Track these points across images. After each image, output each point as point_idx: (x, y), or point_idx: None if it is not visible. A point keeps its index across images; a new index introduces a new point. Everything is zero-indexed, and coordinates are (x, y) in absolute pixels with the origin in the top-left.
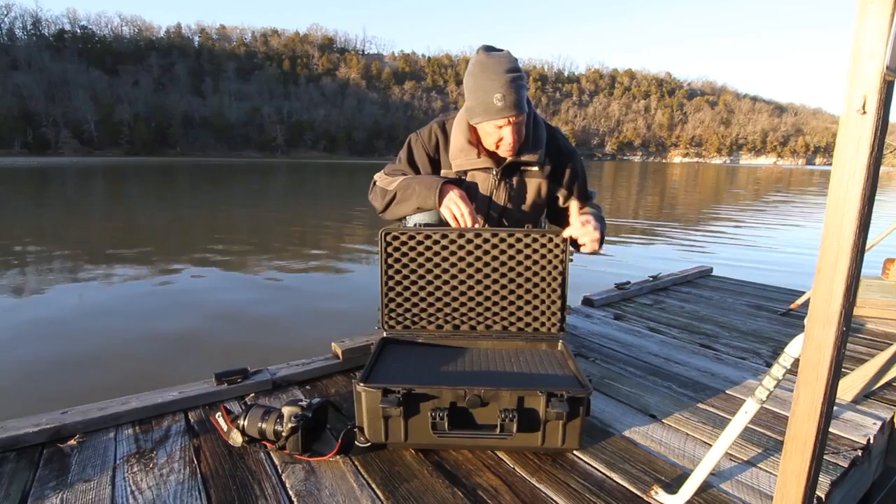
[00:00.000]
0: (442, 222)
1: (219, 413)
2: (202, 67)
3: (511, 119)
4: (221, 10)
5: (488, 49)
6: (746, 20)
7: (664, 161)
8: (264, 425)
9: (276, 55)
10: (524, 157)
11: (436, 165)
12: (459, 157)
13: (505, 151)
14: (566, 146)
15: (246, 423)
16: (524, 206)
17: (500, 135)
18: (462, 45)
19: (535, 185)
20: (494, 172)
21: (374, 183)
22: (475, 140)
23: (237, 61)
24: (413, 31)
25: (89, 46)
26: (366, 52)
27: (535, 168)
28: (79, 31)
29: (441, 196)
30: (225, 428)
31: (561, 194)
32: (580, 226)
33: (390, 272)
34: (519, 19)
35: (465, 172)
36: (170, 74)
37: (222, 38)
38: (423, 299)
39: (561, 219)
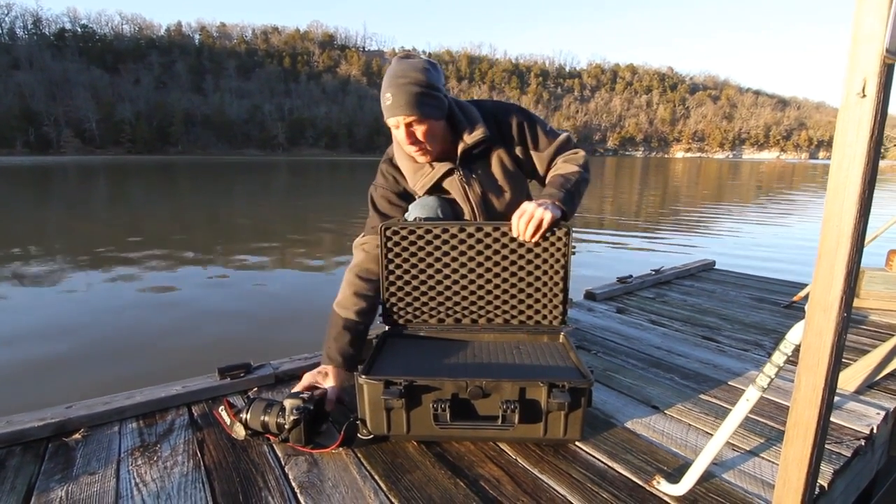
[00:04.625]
0: (440, 217)
1: (222, 407)
2: (203, 65)
3: (401, 119)
4: (222, 7)
5: (403, 56)
6: (749, 13)
7: (666, 156)
8: (267, 418)
9: (277, 52)
10: (469, 141)
11: (407, 197)
12: (417, 179)
13: (414, 156)
14: (498, 106)
15: (249, 416)
16: (500, 184)
17: (399, 136)
18: (462, 41)
19: (496, 158)
20: (456, 172)
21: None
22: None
23: (238, 59)
24: (414, 28)
25: (90, 45)
26: (366, 49)
27: (487, 143)
28: (79, 30)
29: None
30: (228, 422)
31: (520, 152)
32: (516, 219)
33: (391, 267)
34: (519, 14)
35: (436, 187)
36: (171, 72)
37: (223, 35)
38: (424, 293)
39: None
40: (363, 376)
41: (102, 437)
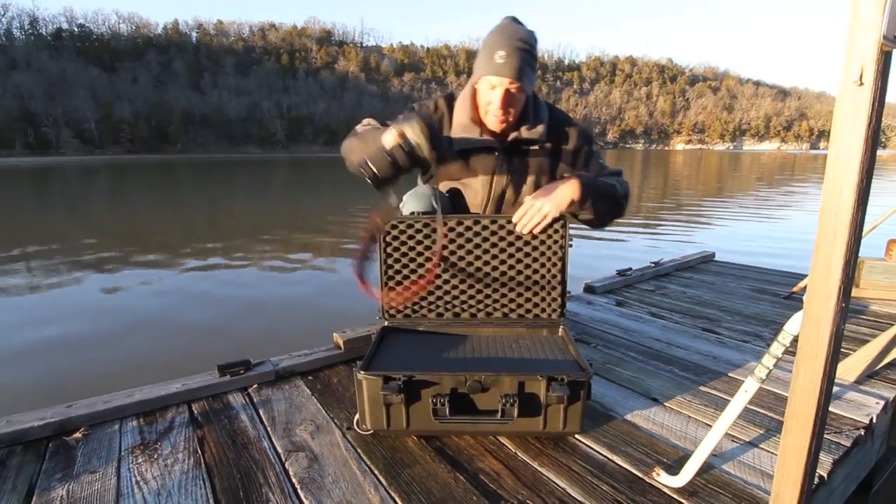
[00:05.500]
0: (434, 207)
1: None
2: (200, 63)
3: (505, 82)
4: (219, 5)
5: (514, 19)
6: (749, 3)
7: (667, 148)
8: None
9: (275, 49)
10: (525, 135)
11: (434, 140)
12: (460, 133)
13: (493, 122)
14: (567, 120)
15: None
16: (525, 186)
17: (490, 97)
18: (461, 35)
19: (536, 163)
20: (496, 153)
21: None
22: (478, 119)
23: (235, 56)
24: (411, 22)
25: (87, 45)
26: (364, 45)
27: (537, 146)
28: (76, 29)
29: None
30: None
31: (564, 171)
32: (518, 215)
33: (389, 261)
34: (518, 7)
35: (467, 154)
36: (168, 71)
37: (220, 33)
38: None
39: None
40: (362, 372)
41: (103, 436)
